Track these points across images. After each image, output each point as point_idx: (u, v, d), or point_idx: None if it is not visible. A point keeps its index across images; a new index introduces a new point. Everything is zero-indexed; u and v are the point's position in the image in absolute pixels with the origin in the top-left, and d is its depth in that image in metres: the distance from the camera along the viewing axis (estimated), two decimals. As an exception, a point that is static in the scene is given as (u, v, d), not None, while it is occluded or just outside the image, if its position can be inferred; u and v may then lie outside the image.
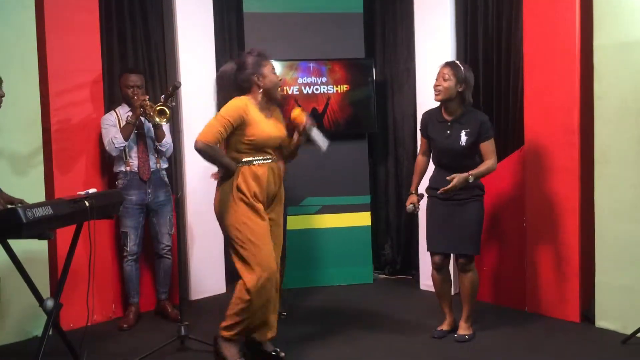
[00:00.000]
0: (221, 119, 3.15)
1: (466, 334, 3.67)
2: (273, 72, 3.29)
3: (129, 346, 3.69)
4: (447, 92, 3.51)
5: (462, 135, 3.53)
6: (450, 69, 3.52)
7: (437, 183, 3.64)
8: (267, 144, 3.27)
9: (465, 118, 3.56)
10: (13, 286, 3.42)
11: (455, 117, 3.58)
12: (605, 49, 3.67)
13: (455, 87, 3.50)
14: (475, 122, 3.53)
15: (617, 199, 3.66)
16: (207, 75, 4.81)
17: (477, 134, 3.53)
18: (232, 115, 3.15)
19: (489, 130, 3.56)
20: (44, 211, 2.79)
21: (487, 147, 3.55)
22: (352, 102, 5.04)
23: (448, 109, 3.59)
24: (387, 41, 5.43)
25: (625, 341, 3.49)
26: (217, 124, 3.15)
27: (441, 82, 3.52)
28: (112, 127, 4.01)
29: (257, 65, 3.25)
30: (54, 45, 3.96)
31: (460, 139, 3.53)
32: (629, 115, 3.59)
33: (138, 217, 4.10)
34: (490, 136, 3.56)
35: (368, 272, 5.17)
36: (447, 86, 3.50)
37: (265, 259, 3.17)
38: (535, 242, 4.11)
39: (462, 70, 3.52)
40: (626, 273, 3.65)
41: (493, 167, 3.55)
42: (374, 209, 5.33)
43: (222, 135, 3.15)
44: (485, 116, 3.62)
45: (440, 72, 3.55)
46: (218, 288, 4.90)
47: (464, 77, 3.50)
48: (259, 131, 3.21)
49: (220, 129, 3.14)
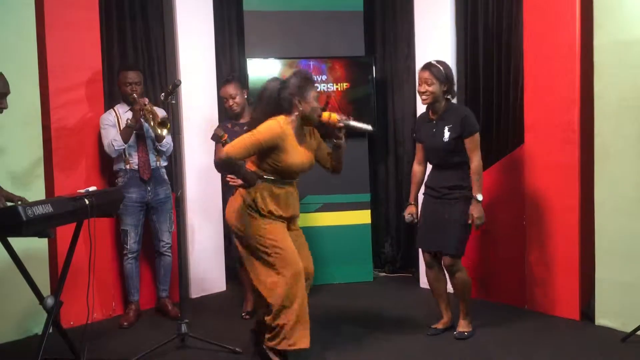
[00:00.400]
0: (254, 139, 3.13)
1: (465, 331, 3.68)
2: (315, 99, 3.26)
3: (129, 344, 3.69)
4: (433, 96, 3.53)
5: (446, 131, 3.53)
6: (429, 72, 3.52)
7: (432, 182, 3.67)
8: (291, 171, 3.27)
9: (448, 114, 3.56)
10: (13, 284, 3.42)
11: (439, 114, 3.59)
12: (605, 47, 3.66)
13: (440, 88, 3.52)
14: (457, 118, 3.53)
15: (617, 196, 3.66)
16: (207, 73, 4.82)
17: (460, 129, 3.51)
18: (265, 139, 3.13)
19: (472, 125, 3.52)
20: (44, 209, 2.79)
21: (470, 142, 3.51)
22: (352, 100, 5.05)
23: (434, 109, 3.60)
24: (387, 39, 5.42)
25: (625, 339, 3.49)
26: (248, 142, 3.13)
27: (425, 88, 3.53)
28: (112, 128, 4.01)
29: (301, 89, 3.22)
30: (53, 43, 3.96)
31: (444, 136, 3.53)
32: (628, 113, 3.59)
33: (138, 215, 4.10)
34: (473, 131, 3.51)
35: (368, 270, 5.18)
36: (433, 90, 3.51)
37: (290, 259, 3.18)
38: (535, 239, 4.11)
39: (442, 70, 3.52)
40: (626, 270, 3.65)
41: (479, 168, 3.51)
42: (374, 207, 5.34)
43: (249, 154, 3.15)
44: (467, 111, 3.61)
45: (421, 78, 3.55)
46: (218, 286, 4.91)
47: (444, 75, 3.51)
48: (288, 161, 3.21)
49: (250, 147, 3.12)
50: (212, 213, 4.83)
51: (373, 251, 5.24)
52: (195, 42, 4.73)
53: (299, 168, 3.28)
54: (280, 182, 3.26)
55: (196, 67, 4.72)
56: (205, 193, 4.79)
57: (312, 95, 3.23)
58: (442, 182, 3.61)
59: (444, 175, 3.61)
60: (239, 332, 3.89)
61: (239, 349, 3.50)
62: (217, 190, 4.84)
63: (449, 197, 3.57)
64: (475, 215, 3.47)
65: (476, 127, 3.55)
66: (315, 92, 3.26)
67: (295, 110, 3.22)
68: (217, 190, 4.84)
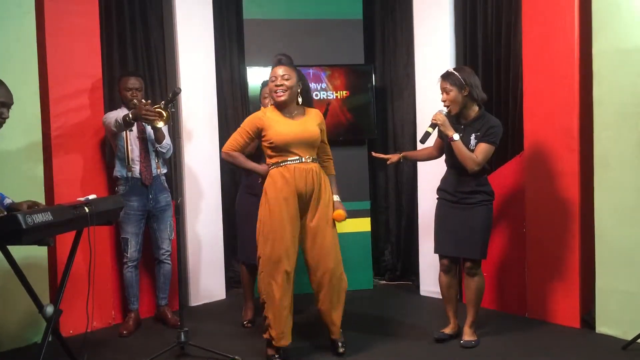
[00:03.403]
0: (239, 129, 3.48)
1: (472, 340, 3.67)
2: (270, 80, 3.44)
3: (129, 352, 3.68)
4: (455, 104, 3.52)
5: (472, 138, 3.53)
6: (447, 81, 3.52)
7: (447, 185, 3.66)
8: (289, 144, 3.36)
9: (479, 122, 3.55)
10: (13, 292, 3.41)
11: (468, 121, 3.58)
12: (604, 54, 3.67)
13: (460, 95, 3.50)
14: (485, 126, 3.52)
15: (618, 203, 3.66)
16: (207, 81, 4.83)
17: (482, 136, 3.52)
18: (247, 125, 3.46)
19: (493, 135, 3.51)
20: (44, 217, 2.77)
21: (481, 147, 3.49)
22: (352, 107, 5.05)
23: (464, 115, 3.59)
24: (386, 47, 5.44)
25: (625, 347, 3.48)
26: (236, 134, 3.48)
27: (445, 97, 3.53)
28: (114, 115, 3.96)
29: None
30: (54, 50, 3.96)
31: (470, 142, 3.53)
32: (628, 120, 3.59)
33: (139, 223, 4.10)
34: (491, 141, 3.50)
35: (368, 278, 5.17)
36: (453, 98, 3.51)
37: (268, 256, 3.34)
38: (535, 247, 4.11)
39: (459, 76, 3.51)
40: (627, 278, 3.64)
41: (472, 162, 3.46)
42: (373, 214, 5.33)
43: (239, 143, 3.46)
44: (496, 121, 3.57)
45: (441, 87, 3.56)
46: (218, 294, 4.90)
47: (463, 81, 3.50)
48: (275, 133, 3.36)
49: (238, 137, 3.46)
50: (211, 220, 4.83)
51: (373, 259, 5.23)
52: (195, 49, 4.74)
53: (292, 137, 3.37)
54: (288, 162, 3.37)
55: (196, 75, 4.73)
56: (205, 200, 4.79)
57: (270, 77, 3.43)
58: (459, 186, 3.58)
59: (460, 179, 3.58)
60: (238, 340, 3.89)
61: (238, 357, 3.48)
62: (217, 198, 4.85)
63: (468, 201, 3.57)
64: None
65: (496, 141, 3.53)
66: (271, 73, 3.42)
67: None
68: (217, 198, 4.85)
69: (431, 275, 4.31)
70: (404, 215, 5.31)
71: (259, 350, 3.59)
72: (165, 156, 4.18)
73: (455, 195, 3.60)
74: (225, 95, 5.21)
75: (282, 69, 3.41)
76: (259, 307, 4.07)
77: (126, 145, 4.05)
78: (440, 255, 3.74)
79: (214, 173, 4.83)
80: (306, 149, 3.41)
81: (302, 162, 3.38)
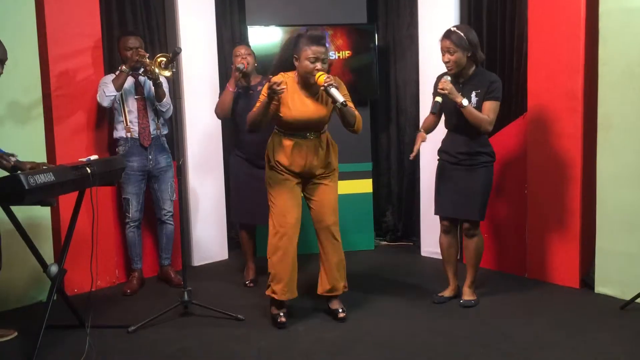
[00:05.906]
0: (260, 95, 3.35)
1: (472, 299, 3.71)
2: (309, 60, 3.24)
3: (133, 311, 3.73)
4: (458, 64, 3.47)
5: (473, 96, 3.49)
6: (450, 41, 3.44)
7: (447, 147, 3.64)
8: (295, 124, 3.36)
9: (477, 79, 3.52)
10: (17, 252, 3.44)
11: (466, 78, 3.55)
12: (610, 14, 3.61)
13: (464, 56, 3.45)
14: (485, 83, 3.49)
15: (620, 165, 3.65)
16: (208, 40, 4.77)
17: (485, 93, 3.49)
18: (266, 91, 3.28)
19: (496, 91, 3.48)
20: (46, 178, 2.79)
21: (488, 105, 3.47)
22: (354, 68, 5.00)
23: (462, 75, 3.54)
24: (389, 6, 5.35)
25: (624, 307, 3.53)
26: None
27: (448, 57, 3.46)
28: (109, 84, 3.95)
29: (297, 49, 3.29)
30: (52, 10, 3.90)
31: (471, 100, 3.49)
32: (634, 81, 3.55)
33: (139, 184, 4.10)
34: (496, 97, 3.47)
35: (369, 239, 5.20)
36: (456, 59, 3.45)
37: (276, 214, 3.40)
38: (536, 208, 4.12)
39: (463, 35, 3.43)
40: (626, 239, 3.66)
41: (485, 123, 3.44)
42: (375, 176, 5.33)
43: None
44: (495, 77, 3.55)
45: (443, 47, 3.48)
46: (220, 254, 4.94)
47: (467, 41, 3.45)
48: (287, 113, 3.33)
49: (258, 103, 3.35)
50: (213, 181, 4.83)
51: (374, 220, 5.26)
52: (196, 9, 4.67)
53: (301, 121, 3.35)
54: (289, 135, 3.38)
55: (196, 35, 4.67)
56: (207, 161, 4.79)
57: (305, 54, 3.24)
58: (460, 147, 3.56)
59: (461, 140, 3.56)
60: (241, 299, 3.93)
61: (241, 316, 3.53)
62: (219, 159, 4.84)
63: (468, 162, 3.56)
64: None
65: (498, 94, 3.50)
66: (310, 52, 3.23)
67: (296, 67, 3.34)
68: (219, 159, 4.85)
69: (432, 236, 4.33)
70: (406, 177, 5.31)
71: (262, 309, 3.64)
72: (165, 115, 4.16)
73: (456, 157, 3.59)
74: (226, 55, 5.15)
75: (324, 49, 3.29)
76: (260, 267, 4.11)
77: (123, 106, 4.02)
78: (440, 217, 3.75)
79: (215, 133, 4.81)
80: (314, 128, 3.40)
81: (302, 138, 3.39)
